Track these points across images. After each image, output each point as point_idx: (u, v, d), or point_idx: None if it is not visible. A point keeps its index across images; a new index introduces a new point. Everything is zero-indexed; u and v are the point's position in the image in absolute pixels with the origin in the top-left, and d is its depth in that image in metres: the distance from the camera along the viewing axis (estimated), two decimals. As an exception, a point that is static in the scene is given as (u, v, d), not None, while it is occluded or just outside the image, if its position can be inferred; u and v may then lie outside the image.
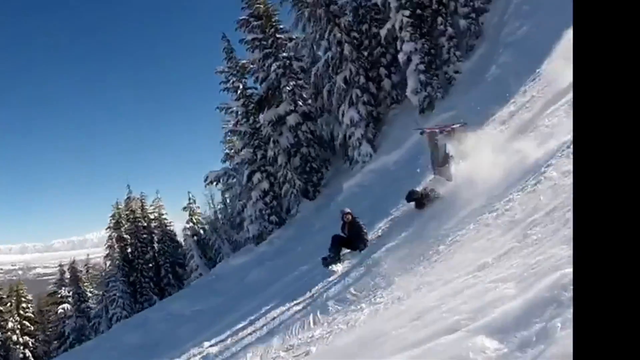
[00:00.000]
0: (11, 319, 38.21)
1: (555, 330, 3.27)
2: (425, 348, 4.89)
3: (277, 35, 24.98)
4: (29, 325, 39.13)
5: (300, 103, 24.94)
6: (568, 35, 12.87)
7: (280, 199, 24.83)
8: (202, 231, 35.59)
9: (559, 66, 12.36)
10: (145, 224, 37.57)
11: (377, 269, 10.26)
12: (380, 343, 6.20)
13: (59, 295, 38.76)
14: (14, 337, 37.49)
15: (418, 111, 19.81)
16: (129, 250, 36.54)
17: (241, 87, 25.61)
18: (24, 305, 39.76)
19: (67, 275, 39.37)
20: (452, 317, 5.36)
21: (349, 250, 12.59)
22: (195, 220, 35.36)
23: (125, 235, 36.91)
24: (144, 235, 37.17)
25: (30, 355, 37.76)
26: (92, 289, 40.72)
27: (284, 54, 24.92)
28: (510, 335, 3.92)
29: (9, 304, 39.13)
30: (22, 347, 37.52)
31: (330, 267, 12.33)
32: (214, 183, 27.71)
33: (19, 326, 38.26)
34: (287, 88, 24.54)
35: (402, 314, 6.88)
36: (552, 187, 7.39)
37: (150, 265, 36.42)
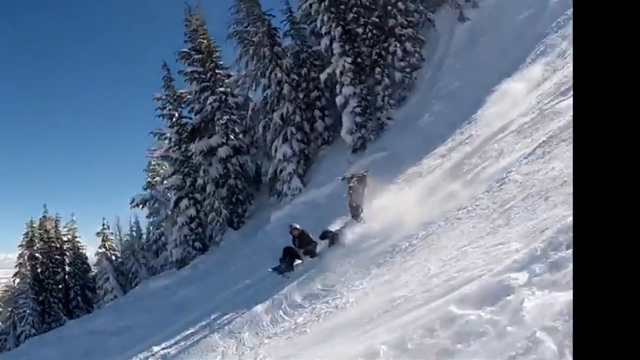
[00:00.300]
0: None
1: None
2: (455, 295, 4.90)
3: (217, 71, 25.83)
4: None
5: (232, 137, 25.65)
6: (500, 87, 14.91)
7: (206, 226, 25.03)
8: (113, 257, 34.88)
9: (494, 112, 13.70)
10: (58, 245, 36.46)
11: (342, 267, 10.30)
12: (388, 309, 6.13)
13: (-36, 312, 35.94)
14: None
15: (351, 150, 21.15)
16: (40, 269, 35.16)
17: (177, 115, 26.11)
18: None
19: (-26, 292, 36.88)
20: (466, 273, 5.50)
21: (300, 261, 13.07)
22: (108, 246, 34.59)
23: (37, 255, 35.49)
24: (56, 256, 35.97)
25: None
26: (-3, 308, 37.94)
27: (221, 89, 25.72)
28: (535, 268, 4.27)
29: None
30: None
31: (284, 274, 12.65)
32: (140, 206, 27.31)
33: None
34: (221, 121, 25.28)
35: (400, 288, 6.80)
36: (518, 186, 7.91)
37: (61, 286, 35.22)
